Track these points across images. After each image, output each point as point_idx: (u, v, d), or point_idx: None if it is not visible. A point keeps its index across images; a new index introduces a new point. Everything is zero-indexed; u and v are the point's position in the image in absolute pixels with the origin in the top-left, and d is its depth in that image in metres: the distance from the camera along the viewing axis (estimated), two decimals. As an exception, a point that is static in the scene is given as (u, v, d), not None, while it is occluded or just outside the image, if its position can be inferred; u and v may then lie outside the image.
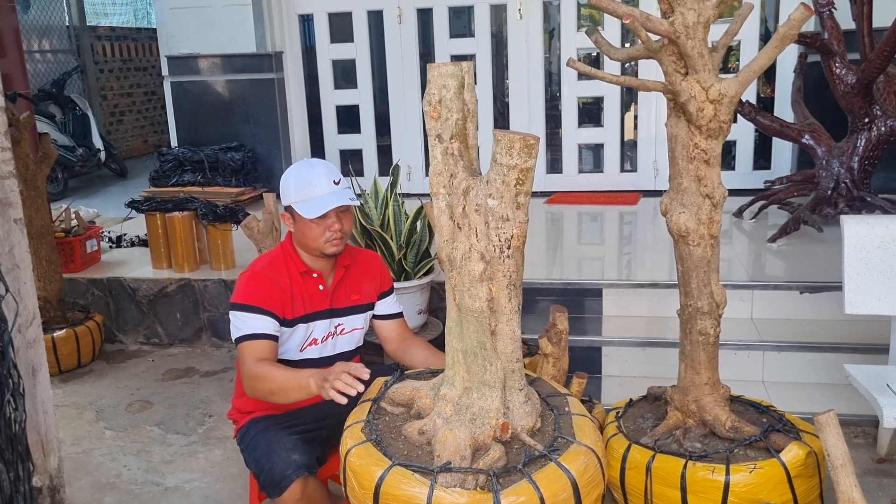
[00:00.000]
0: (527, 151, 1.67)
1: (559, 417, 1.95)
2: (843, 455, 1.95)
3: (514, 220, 1.73)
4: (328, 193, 2.22)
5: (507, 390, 1.87)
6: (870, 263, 2.67)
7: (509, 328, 1.80)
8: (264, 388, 2.14)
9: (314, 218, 2.22)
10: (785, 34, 2.13)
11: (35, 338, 2.05)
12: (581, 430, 1.92)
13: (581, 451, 1.83)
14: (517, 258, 1.78)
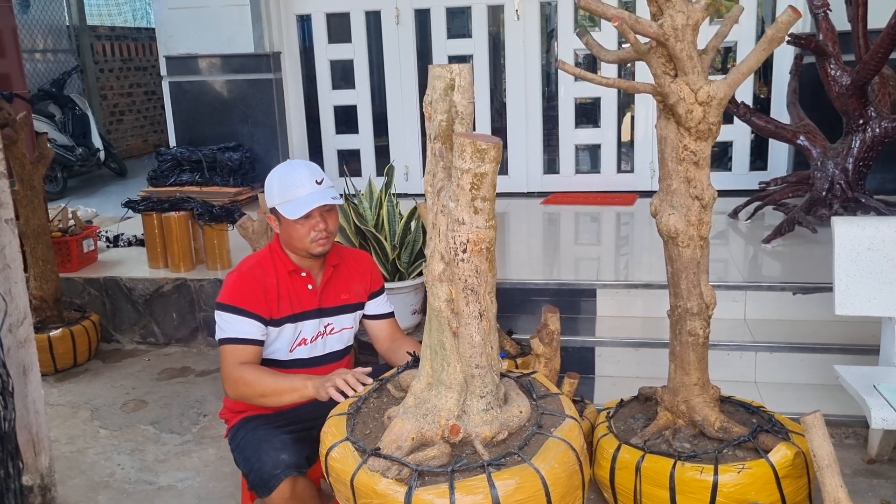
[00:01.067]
0: (479, 156, 1.63)
1: (533, 436, 1.85)
2: (829, 455, 1.96)
3: (471, 224, 1.70)
4: (310, 193, 2.24)
5: (468, 394, 1.85)
6: (860, 265, 2.67)
7: (468, 332, 1.78)
8: (252, 391, 2.17)
9: (297, 218, 2.23)
10: (773, 36, 2.14)
11: (26, 337, 2.07)
12: (545, 453, 1.78)
13: (527, 475, 1.72)
14: (476, 263, 1.73)
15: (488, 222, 1.71)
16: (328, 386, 2.04)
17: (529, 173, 6.02)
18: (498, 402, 1.87)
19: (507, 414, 1.88)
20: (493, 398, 1.85)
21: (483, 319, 1.79)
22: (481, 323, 1.79)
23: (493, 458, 1.78)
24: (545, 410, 1.94)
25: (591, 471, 2.59)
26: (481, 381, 1.83)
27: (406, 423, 1.85)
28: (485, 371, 1.82)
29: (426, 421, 1.85)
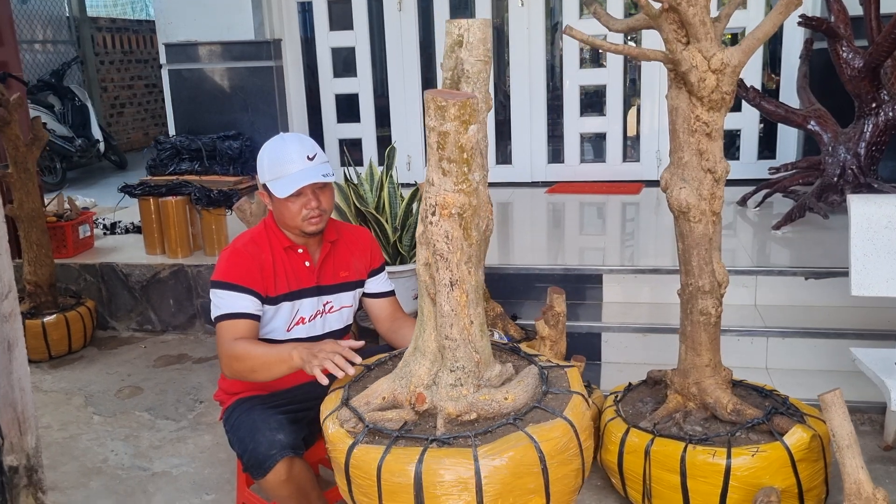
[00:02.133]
0: (440, 113, 1.55)
1: (502, 426, 1.70)
2: (850, 435, 1.88)
3: (439, 186, 1.62)
4: (301, 171, 2.14)
5: (441, 366, 1.77)
6: (877, 244, 2.58)
7: (438, 300, 1.71)
8: (244, 366, 2.07)
9: (287, 196, 2.14)
10: (789, 1, 2.05)
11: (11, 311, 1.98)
12: (500, 446, 1.63)
13: (463, 462, 1.61)
14: (446, 228, 1.64)
15: (457, 186, 1.61)
16: (314, 364, 1.93)
17: (534, 163, 5.93)
18: (474, 380, 1.75)
19: (485, 396, 1.75)
20: (466, 375, 1.75)
21: (455, 289, 1.69)
22: (452, 292, 1.69)
23: (443, 434, 1.68)
24: (541, 405, 1.76)
25: (599, 455, 2.51)
26: (452, 353, 1.74)
27: (383, 383, 1.85)
28: (456, 344, 1.73)
29: (400, 384, 1.82)
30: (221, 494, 2.68)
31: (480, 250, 1.73)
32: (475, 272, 1.72)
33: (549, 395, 1.79)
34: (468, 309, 1.72)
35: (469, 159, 1.60)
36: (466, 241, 1.67)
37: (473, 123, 1.57)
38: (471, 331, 1.74)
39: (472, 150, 1.60)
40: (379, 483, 1.64)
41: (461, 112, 1.55)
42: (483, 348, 1.77)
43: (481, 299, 1.77)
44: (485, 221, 1.71)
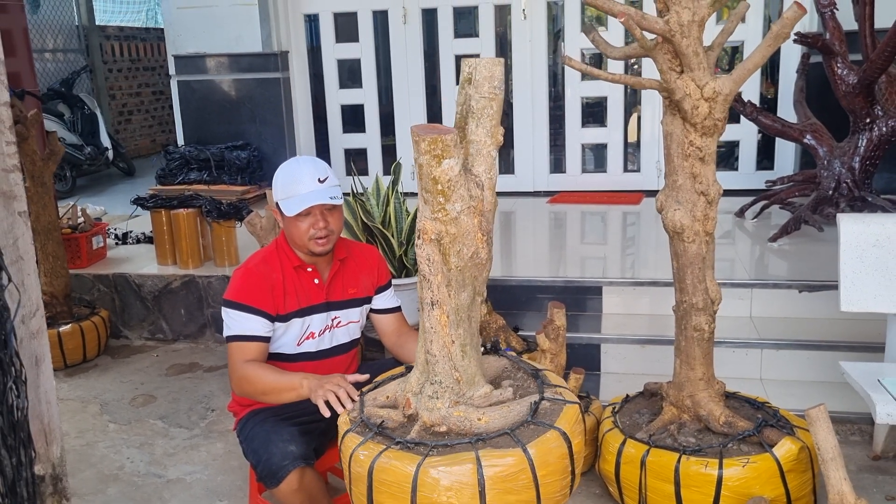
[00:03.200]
0: (415, 146, 1.69)
1: (457, 445, 1.77)
2: (834, 449, 1.97)
3: (421, 213, 1.77)
4: (310, 192, 2.25)
5: (427, 376, 1.90)
6: (865, 261, 2.68)
7: (421, 317, 1.85)
8: (254, 389, 2.21)
9: (295, 215, 2.25)
10: (778, 32, 2.16)
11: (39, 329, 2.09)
12: (449, 461, 1.71)
13: (404, 465, 1.73)
14: (428, 252, 1.76)
15: (434, 214, 1.72)
16: (318, 395, 2.06)
17: (536, 172, 6.04)
18: (451, 395, 1.84)
19: (460, 413, 1.82)
20: (444, 389, 1.84)
21: (435, 309, 1.80)
22: (433, 311, 1.81)
23: (409, 438, 1.81)
24: (512, 433, 1.79)
25: (597, 464, 2.61)
26: (433, 368, 1.86)
27: (392, 384, 2.04)
28: (436, 359, 1.84)
29: (400, 388, 1.98)
30: (234, 501, 2.79)
31: (464, 275, 1.80)
32: (456, 295, 1.81)
33: (529, 425, 1.81)
34: (448, 329, 1.82)
35: (445, 191, 1.70)
36: (445, 266, 1.78)
37: (447, 158, 1.66)
38: (451, 349, 1.84)
39: (449, 182, 1.69)
40: (349, 470, 1.86)
41: (431, 147, 1.66)
42: (465, 367, 1.86)
43: (468, 320, 1.85)
44: (471, 249, 1.77)
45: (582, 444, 1.87)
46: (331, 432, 2.39)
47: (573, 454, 1.81)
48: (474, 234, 1.80)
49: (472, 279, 1.84)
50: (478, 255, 1.80)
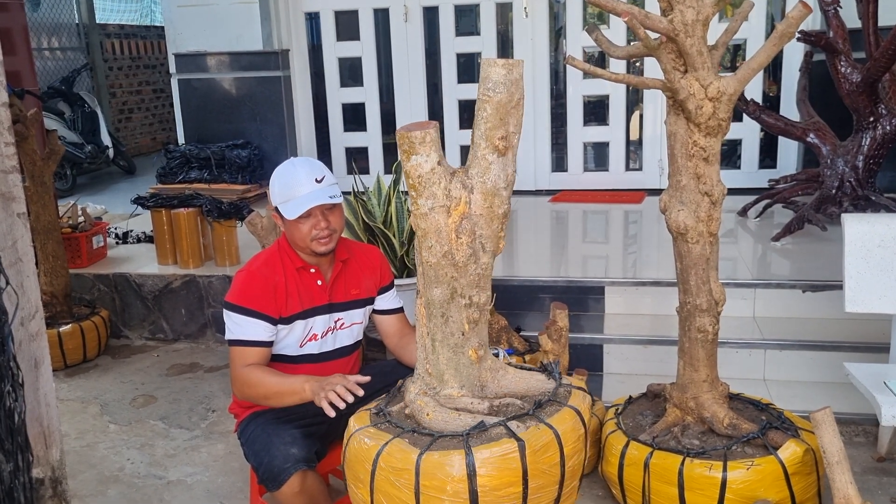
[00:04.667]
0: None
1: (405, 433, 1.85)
2: (839, 452, 1.96)
3: (414, 210, 1.83)
4: (308, 193, 2.23)
5: None
6: (870, 262, 2.66)
7: None
8: (257, 393, 2.20)
9: (295, 218, 2.24)
10: (783, 32, 2.14)
11: (38, 331, 2.08)
12: (376, 435, 1.88)
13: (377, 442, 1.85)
14: (421, 252, 1.83)
15: (411, 207, 1.82)
16: (321, 397, 2.05)
17: (537, 171, 6.02)
18: (423, 384, 1.94)
19: (420, 402, 1.92)
20: (418, 376, 1.96)
21: (417, 298, 1.91)
22: (418, 300, 1.91)
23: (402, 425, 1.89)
24: (445, 435, 1.83)
25: (600, 466, 2.59)
26: (419, 365, 1.96)
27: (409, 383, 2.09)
28: (421, 358, 1.94)
29: None
30: (235, 503, 2.77)
31: (437, 272, 1.81)
32: (427, 289, 1.86)
33: (471, 436, 1.80)
34: (424, 319, 1.90)
35: (416, 186, 1.77)
36: (420, 258, 1.85)
37: (415, 155, 1.73)
38: (425, 340, 1.90)
39: (419, 178, 1.75)
40: (344, 449, 1.95)
41: (401, 142, 1.74)
42: (434, 362, 1.90)
43: (442, 317, 1.87)
44: (443, 248, 1.78)
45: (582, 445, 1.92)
46: (332, 435, 2.38)
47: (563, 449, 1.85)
48: (447, 234, 1.79)
49: (449, 279, 1.83)
50: (451, 255, 1.79)
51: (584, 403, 1.91)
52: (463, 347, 1.88)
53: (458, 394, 1.90)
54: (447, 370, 1.90)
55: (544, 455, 1.77)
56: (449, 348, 1.89)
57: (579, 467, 1.91)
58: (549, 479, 1.79)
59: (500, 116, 1.75)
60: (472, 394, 1.91)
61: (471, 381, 1.91)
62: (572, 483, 1.88)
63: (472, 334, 1.88)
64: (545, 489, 1.80)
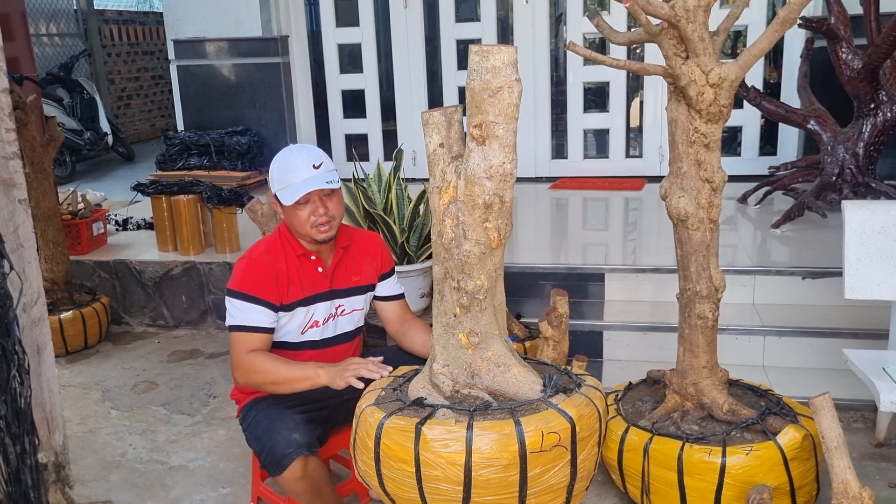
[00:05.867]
0: None
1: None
2: (838, 437, 1.97)
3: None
4: (306, 179, 2.23)
5: None
6: (870, 248, 2.67)
7: None
8: (263, 379, 2.20)
9: (293, 204, 2.24)
10: (785, 18, 2.13)
11: (40, 317, 2.09)
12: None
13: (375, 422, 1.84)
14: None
15: None
16: (347, 375, 2.06)
17: (537, 158, 6.01)
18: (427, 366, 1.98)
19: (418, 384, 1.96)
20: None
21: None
22: None
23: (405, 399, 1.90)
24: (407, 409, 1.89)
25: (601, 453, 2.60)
26: None
27: None
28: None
29: None
30: (237, 488, 2.79)
31: (436, 249, 1.89)
32: (433, 264, 1.92)
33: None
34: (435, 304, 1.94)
35: (429, 163, 1.83)
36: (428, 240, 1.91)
37: (426, 135, 1.82)
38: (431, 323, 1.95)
39: (429, 157, 1.83)
40: (356, 424, 1.92)
41: (422, 120, 1.83)
42: (434, 338, 1.96)
43: (439, 294, 1.91)
44: (437, 227, 1.85)
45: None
46: (334, 420, 2.40)
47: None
48: (439, 215, 1.83)
49: (442, 258, 1.88)
50: (442, 235, 1.83)
51: (546, 425, 1.74)
52: (454, 329, 1.89)
53: (439, 370, 1.92)
54: (437, 345, 1.94)
55: None
56: (441, 325, 1.92)
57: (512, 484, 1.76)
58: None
59: (476, 104, 1.72)
60: (454, 376, 1.91)
61: (459, 363, 1.91)
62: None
63: (464, 319, 1.88)
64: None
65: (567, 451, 1.75)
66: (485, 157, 1.75)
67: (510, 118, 1.74)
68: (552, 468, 1.75)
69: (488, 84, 1.71)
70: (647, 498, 2.42)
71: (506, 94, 1.71)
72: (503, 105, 1.72)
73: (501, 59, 1.70)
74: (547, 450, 1.72)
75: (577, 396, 1.85)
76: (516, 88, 1.72)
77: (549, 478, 1.75)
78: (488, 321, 1.89)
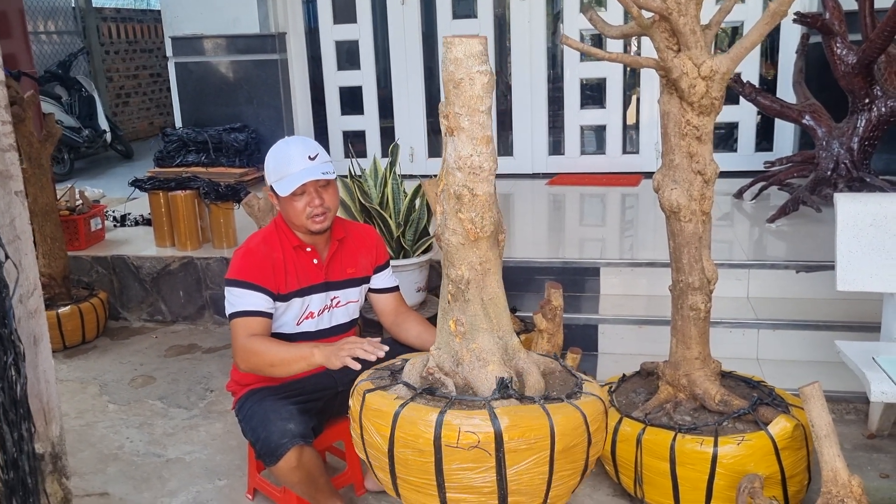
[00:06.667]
0: None
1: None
2: (827, 426, 1.99)
3: None
4: (302, 170, 2.25)
5: None
6: (862, 241, 2.69)
7: None
8: (262, 361, 2.20)
9: (289, 195, 2.25)
10: (775, 10, 2.15)
11: (36, 308, 2.10)
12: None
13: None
14: None
15: None
16: (342, 355, 2.05)
17: (534, 154, 6.03)
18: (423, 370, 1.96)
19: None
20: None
21: None
22: None
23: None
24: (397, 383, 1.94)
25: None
26: None
27: None
28: None
29: None
30: (233, 480, 2.81)
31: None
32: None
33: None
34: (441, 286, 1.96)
35: None
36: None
37: None
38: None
39: None
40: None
41: None
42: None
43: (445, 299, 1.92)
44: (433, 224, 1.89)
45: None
46: (329, 411, 2.42)
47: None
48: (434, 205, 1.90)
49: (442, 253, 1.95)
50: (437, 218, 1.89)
51: (467, 424, 1.70)
52: (447, 315, 1.91)
53: (432, 350, 1.96)
54: (438, 327, 1.98)
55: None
56: (441, 309, 1.94)
57: None
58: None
59: (446, 94, 1.74)
60: (441, 360, 1.94)
61: (448, 349, 1.93)
62: None
63: (454, 306, 1.90)
64: None
65: (490, 456, 1.67)
66: (455, 148, 1.76)
67: (473, 110, 1.72)
68: (473, 469, 1.69)
69: (452, 75, 1.71)
70: (640, 488, 2.44)
71: (467, 85, 1.70)
72: (466, 97, 1.71)
73: (463, 50, 1.69)
74: (464, 448, 1.67)
75: (530, 407, 1.75)
76: (478, 80, 1.70)
77: (469, 478, 1.71)
78: (474, 313, 1.89)
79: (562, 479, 1.79)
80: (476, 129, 1.74)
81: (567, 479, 1.81)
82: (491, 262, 1.89)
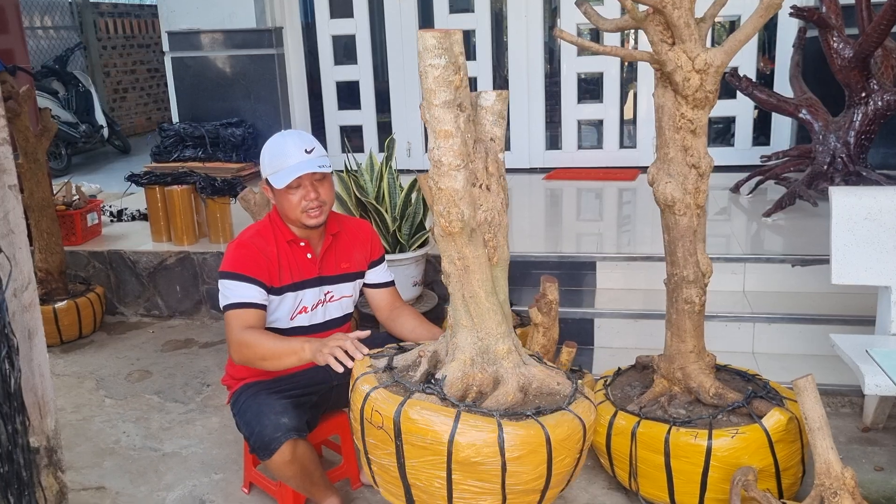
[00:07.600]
0: None
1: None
2: (821, 418, 1.99)
3: None
4: (298, 163, 2.25)
5: None
6: (857, 234, 2.69)
7: None
8: (254, 354, 2.19)
9: (284, 187, 2.25)
10: (770, 3, 2.15)
11: (31, 302, 2.10)
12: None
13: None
14: None
15: None
16: (325, 353, 2.05)
17: (532, 149, 6.03)
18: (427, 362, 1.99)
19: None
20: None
21: None
22: None
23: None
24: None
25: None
26: None
27: None
28: None
29: None
30: (229, 473, 2.81)
31: None
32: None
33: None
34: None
35: None
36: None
37: None
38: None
39: None
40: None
41: None
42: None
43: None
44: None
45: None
46: (323, 405, 2.42)
47: None
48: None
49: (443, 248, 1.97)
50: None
51: (378, 405, 1.84)
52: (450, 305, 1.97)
53: (441, 338, 2.03)
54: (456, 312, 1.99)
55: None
56: (450, 320, 2.00)
57: None
58: None
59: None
60: (439, 347, 1.98)
61: (445, 339, 1.98)
62: None
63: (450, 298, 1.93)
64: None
65: (391, 439, 1.79)
66: (431, 140, 1.79)
67: (430, 104, 1.74)
68: (381, 448, 1.85)
69: (419, 68, 1.76)
70: (635, 481, 2.44)
71: (424, 78, 1.73)
72: (425, 89, 1.74)
73: (423, 43, 1.71)
74: (375, 425, 1.83)
75: (443, 409, 1.78)
76: (430, 73, 1.71)
77: (379, 455, 1.87)
78: (455, 308, 1.90)
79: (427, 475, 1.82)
80: (433, 123, 1.75)
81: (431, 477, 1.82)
82: (470, 260, 1.86)
